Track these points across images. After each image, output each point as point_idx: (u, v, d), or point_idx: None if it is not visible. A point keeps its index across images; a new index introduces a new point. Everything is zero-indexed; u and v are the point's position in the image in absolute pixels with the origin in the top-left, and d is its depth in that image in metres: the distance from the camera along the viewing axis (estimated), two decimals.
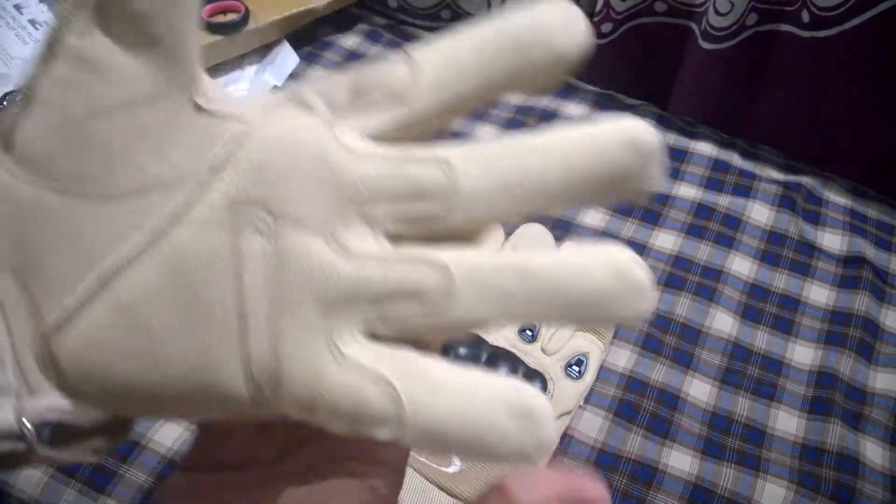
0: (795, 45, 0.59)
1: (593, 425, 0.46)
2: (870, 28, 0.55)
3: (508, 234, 0.54)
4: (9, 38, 0.56)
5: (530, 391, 0.17)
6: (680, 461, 0.45)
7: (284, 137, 0.18)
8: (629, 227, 0.56)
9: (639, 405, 0.47)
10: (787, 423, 0.47)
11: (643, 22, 0.65)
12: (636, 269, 0.17)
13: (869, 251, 0.55)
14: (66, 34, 0.18)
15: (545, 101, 0.64)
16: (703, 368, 0.49)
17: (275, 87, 0.61)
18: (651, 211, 0.57)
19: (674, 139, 0.62)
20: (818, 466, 0.45)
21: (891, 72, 0.57)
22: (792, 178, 0.60)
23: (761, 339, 0.51)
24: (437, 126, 0.19)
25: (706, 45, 0.61)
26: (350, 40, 0.68)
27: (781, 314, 0.52)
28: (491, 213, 0.18)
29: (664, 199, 0.58)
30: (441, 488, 0.39)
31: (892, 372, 0.50)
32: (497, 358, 0.45)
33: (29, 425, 0.17)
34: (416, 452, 0.40)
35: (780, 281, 0.54)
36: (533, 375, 0.45)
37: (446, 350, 0.45)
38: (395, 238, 0.18)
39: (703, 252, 0.55)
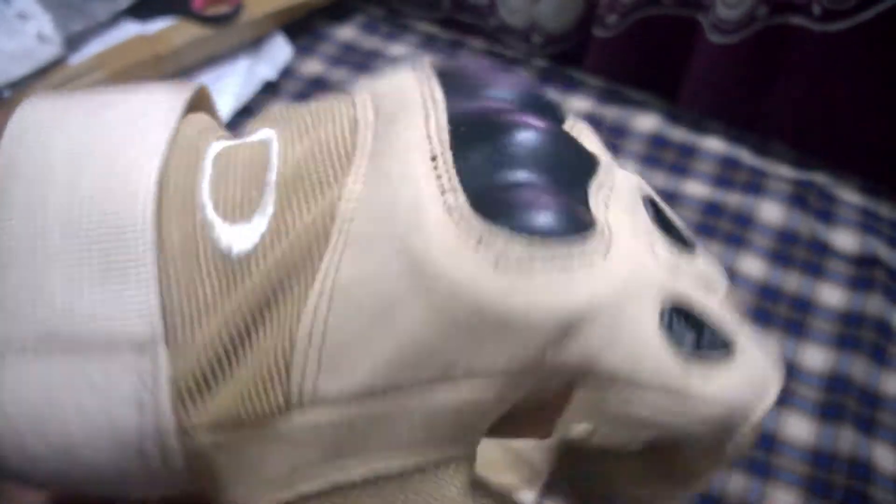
0: (806, 39, 0.58)
1: None
2: (883, 21, 0.54)
3: None
4: None
5: None
6: None
7: None
8: None
9: None
10: (798, 428, 0.46)
11: (650, 14, 0.63)
12: None
13: (882, 251, 0.54)
14: None
15: (549, 96, 0.63)
16: None
17: (268, 82, 0.60)
18: None
19: (682, 135, 0.61)
20: (830, 473, 0.44)
21: None
22: (804, 175, 0.58)
23: (772, 342, 0.50)
24: None
25: (715, 39, 0.60)
26: (347, 32, 0.67)
27: (793, 316, 0.51)
28: None
29: (672, 198, 0.57)
30: None
31: None
32: None
33: None
34: None
35: (792, 282, 0.53)
36: None
37: None
38: None
39: (712, 251, 0.54)
